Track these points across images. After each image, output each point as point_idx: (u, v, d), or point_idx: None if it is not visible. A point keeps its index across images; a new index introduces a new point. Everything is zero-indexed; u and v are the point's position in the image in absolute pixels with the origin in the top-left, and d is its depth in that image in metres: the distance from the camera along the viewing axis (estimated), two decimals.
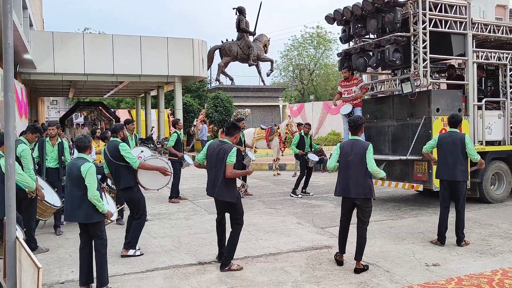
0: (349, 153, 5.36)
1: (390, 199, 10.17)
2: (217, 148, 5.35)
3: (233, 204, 5.41)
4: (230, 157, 5.22)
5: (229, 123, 5.62)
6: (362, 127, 5.57)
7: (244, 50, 24.67)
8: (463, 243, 6.22)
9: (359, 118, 5.66)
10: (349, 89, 9.71)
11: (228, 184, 5.32)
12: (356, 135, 5.49)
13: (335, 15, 9.49)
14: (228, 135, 5.49)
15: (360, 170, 5.25)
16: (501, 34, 9.35)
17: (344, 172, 5.40)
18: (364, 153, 5.24)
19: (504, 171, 9.40)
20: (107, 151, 6.06)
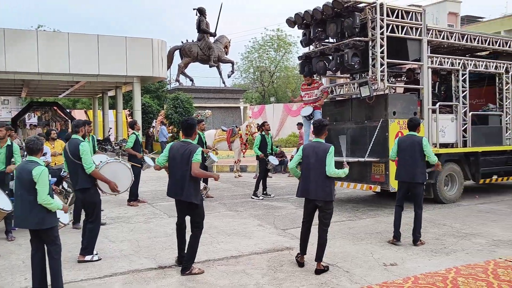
0: (311, 155, 5.42)
1: (349, 200, 10.37)
2: (181, 149, 5.25)
3: (197, 207, 5.34)
4: (196, 155, 5.15)
5: (183, 125, 5.46)
6: (326, 129, 5.64)
7: (205, 51, 24.54)
8: (419, 243, 6.42)
9: (322, 121, 5.74)
10: (310, 92, 9.85)
11: (195, 185, 5.26)
12: (319, 137, 5.56)
13: (295, 18, 9.59)
14: (188, 136, 5.39)
15: (321, 172, 5.32)
16: (454, 41, 9.73)
17: (305, 174, 5.45)
18: (325, 156, 5.31)
19: (457, 173, 9.78)
20: (67, 149, 5.86)
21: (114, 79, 21.24)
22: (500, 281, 4.96)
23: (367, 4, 8.66)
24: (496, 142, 10.37)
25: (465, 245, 6.39)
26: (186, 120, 5.50)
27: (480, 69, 10.16)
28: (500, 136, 10.46)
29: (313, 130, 5.68)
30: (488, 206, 9.36)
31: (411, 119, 6.87)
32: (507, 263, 5.52)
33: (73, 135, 6.11)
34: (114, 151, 19.58)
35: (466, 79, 9.83)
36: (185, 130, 5.42)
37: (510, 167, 10.66)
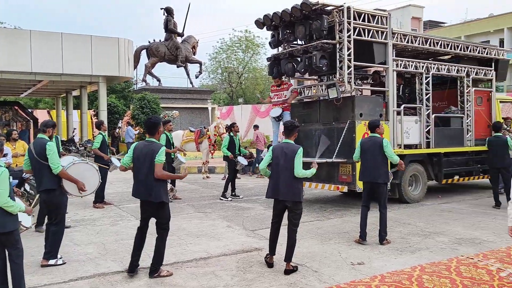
0: (280, 156, 5.45)
1: (317, 201, 10.48)
2: (145, 149, 5.16)
3: (164, 207, 5.23)
4: (159, 156, 5.07)
5: (147, 124, 5.36)
6: (296, 131, 5.69)
7: (172, 51, 24.32)
8: (385, 242, 6.55)
9: (293, 122, 5.79)
10: (279, 93, 9.91)
11: (163, 184, 5.18)
12: (289, 139, 5.60)
13: (264, 20, 9.62)
14: (152, 135, 5.27)
15: (290, 173, 5.36)
16: (418, 45, 9.99)
17: (275, 175, 5.48)
18: (293, 157, 5.36)
19: (421, 173, 10.05)
20: (32, 148, 5.67)
21: (79, 78, 20.74)
22: (462, 278, 5.11)
23: (335, 7, 8.79)
24: (457, 144, 10.71)
25: (429, 243, 6.56)
26: (149, 119, 5.39)
27: (442, 72, 10.47)
28: (462, 137, 10.81)
29: (284, 131, 5.71)
30: (450, 205, 9.65)
31: (370, 121, 7.06)
32: (469, 261, 5.70)
33: (39, 135, 5.93)
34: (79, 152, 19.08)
35: (429, 82, 10.12)
36: (149, 129, 5.32)
37: (471, 168, 11.05)
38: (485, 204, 9.62)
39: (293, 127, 5.63)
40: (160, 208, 5.22)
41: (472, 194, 11.24)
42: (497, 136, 9.43)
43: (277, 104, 9.95)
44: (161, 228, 5.29)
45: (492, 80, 11.59)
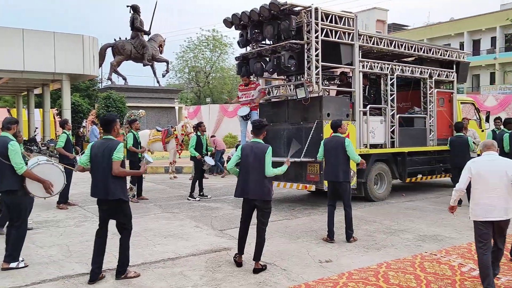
0: (249, 155, 5.45)
1: (286, 200, 10.55)
2: (102, 146, 4.99)
3: (125, 205, 5.08)
4: (117, 153, 4.91)
5: (102, 121, 5.21)
6: (265, 129, 5.71)
7: (139, 49, 23.95)
8: (351, 239, 6.66)
9: (261, 121, 5.80)
10: (247, 92, 9.92)
11: (121, 182, 5.00)
12: (258, 138, 5.61)
13: (233, 19, 9.61)
14: (108, 132, 5.10)
15: (259, 172, 5.38)
16: (383, 46, 10.20)
17: (244, 174, 5.48)
18: (263, 156, 5.37)
19: (385, 172, 10.27)
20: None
21: (41, 76, 20.09)
22: (426, 274, 5.26)
23: (303, 8, 8.87)
24: (420, 143, 11.01)
25: (394, 240, 6.71)
26: (104, 116, 5.22)
27: (406, 74, 10.74)
28: (424, 137, 11.12)
29: (252, 130, 5.72)
30: (414, 203, 9.91)
31: (332, 121, 7.15)
32: (432, 257, 5.87)
33: (2, 133, 5.69)
34: (41, 152, 18.52)
35: (394, 83, 10.35)
36: (104, 126, 5.15)
37: (433, 167, 11.38)
38: (447, 202, 9.75)
39: (262, 126, 5.65)
40: (119, 207, 5.05)
41: (435, 192, 11.57)
42: (458, 136, 9.74)
43: (245, 103, 9.96)
44: (122, 228, 5.14)
45: (454, 81, 11.97)
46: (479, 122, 12.76)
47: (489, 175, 4.62)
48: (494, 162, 4.68)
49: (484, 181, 4.63)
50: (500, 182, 4.55)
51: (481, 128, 12.67)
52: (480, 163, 4.78)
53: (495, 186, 4.56)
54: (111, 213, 5.10)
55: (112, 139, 5.07)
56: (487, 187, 4.60)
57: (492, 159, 4.73)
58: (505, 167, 4.58)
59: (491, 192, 4.57)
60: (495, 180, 4.58)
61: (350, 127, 9.29)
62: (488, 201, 4.58)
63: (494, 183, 4.57)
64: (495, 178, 4.58)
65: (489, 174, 4.62)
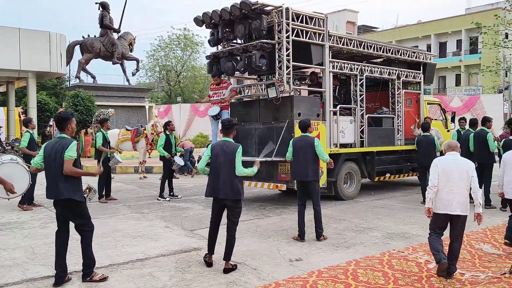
0: (220, 154, 5.42)
1: (257, 199, 10.56)
2: (55, 145, 4.81)
3: (78, 205, 4.85)
4: (69, 151, 4.72)
5: (56, 119, 5.01)
6: (234, 129, 5.68)
7: (108, 47, 23.56)
8: (321, 238, 6.72)
9: (230, 120, 5.77)
10: (218, 91, 9.87)
11: (73, 182, 4.79)
12: (228, 137, 5.58)
13: (203, 17, 9.54)
14: (62, 130, 4.91)
15: (230, 171, 5.35)
16: (353, 47, 10.33)
17: (214, 173, 5.44)
18: (233, 155, 5.35)
19: (355, 171, 10.41)
20: None
21: (5, 73, 19.46)
22: (394, 271, 5.35)
23: (274, 7, 8.89)
24: (389, 143, 11.22)
25: (363, 238, 6.81)
26: (58, 114, 5.00)
27: (375, 74, 10.92)
28: (393, 137, 11.33)
29: (221, 129, 5.68)
30: (382, 202, 10.09)
31: (301, 121, 7.15)
32: (400, 254, 5.98)
33: None
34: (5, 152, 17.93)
35: (363, 84, 10.51)
36: (58, 124, 4.95)
37: (401, 166, 11.61)
38: (414, 200, 10.14)
39: (231, 125, 5.62)
40: (73, 208, 4.85)
41: (402, 191, 11.81)
42: (425, 136, 9.96)
43: (216, 102, 9.91)
44: (81, 230, 4.94)
45: (421, 82, 12.25)
46: (445, 122, 13.09)
47: (451, 173, 5.05)
48: (456, 162, 5.13)
49: (446, 178, 5.05)
50: (460, 180, 5.01)
51: (447, 128, 13.01)
52: (444, 161, 5.18)
53: (456, 183, 5.01)
54: (66, 214, 4.91)
55: (66, 137, 4.88)
56: (448, 184, 5.04)
57: (455, 159, 5.16)
58: (466, 167, 5.05)
59: (451, 189, 5.01)
60: (456, 178, 5.02)
61: (320, 126, 9.39)
62: (448, 197, 5.02)
63: (455, 180, 5.01)
64: (456, 176, 5.03)
65: (451, 172, 5.05)
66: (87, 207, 5.04)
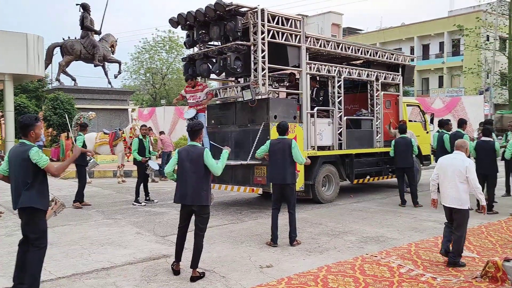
0: (186, 159, 5.28)
1: (234, 203, 10.41)
2: (15, 152, 4.56)
3: (37, 215, 4.49)
4: (39, 160, 4.42)
5: (18, 125, 4.70)
6: (201, 132, 5.53)
7: (89, 49, 23.19)
8: (295, 243, 6.59)
9: (197, 123, 5.62)
10: (194, 94, 9.70)
11: (39, 189, 4.51)
12: (195, 141, 5.43)
13: (178, 19, 9.39)
14: (25, 136, 4.61)
15: (197, 177, 5.22)
16: (331, 49, 10.25)
17: (182, 179, 5.28)
18: (201, 159, 5.21)
19: (333, 174, 10.32)
20: None
21: None
22: (365, 276, 5.24)
23: (249, 9, 8.77)
24: (367, 145, 11.15)
25: (337, 243, 6.70)
26: (20, 119, 4.72)
27: (353, 76, 10.85)
28: (372, 139, 11.27)
29: (188, 133, 5.53)
30: (360, 204, 10.01)
31: (279, 124, 6.97)
32: (373, 258, 5.87)
33: None
34: None
35: (342, 86, 10.43)
36: (20, 130, 4.67)
37: (380, 168, 11.55)
38: (392, 203, 10.08)
39: (197, 129, 5.47)
40: (30, 218, 4.49)
41: (381, 193, 11.75)
42: (403, 138, 9.92)
43: (192, 106, 9.74)
44: (32, 244, 4.51)
45: (400, 84, 12.22)
46: (424, 124, 13.09)
47: (448, 169, 5.64)
48: (455, 160, 5.65)
49: (443, 174, 5.70)
50: (453, 176, 5.55)
51: (426, 129, 13.01)
52: (444, 159, 5.83)
53: (450, 179, 5.58)
54: (25, 224, 4.58)
55: (26, 143, 4.56)
56: (445, 179, 5.66)
57: (455, 158, 5.71)
58: (461, 166, 5.53)
59: (447, 183, 5.63)
60: (449, 174, 5.60)
61: (297, 129, 9.28)
62: (445, 191, 5.66)
63: (450, 176, 5.59)
64: (450, 173, 5.60)
65: (448, 169, 5.65)
66: (45, 221, 4.64)
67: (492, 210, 8.66)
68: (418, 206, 9.51)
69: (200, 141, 5.52)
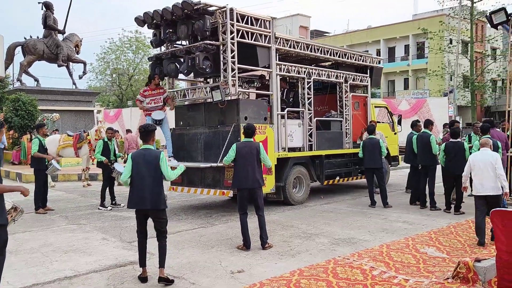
0: (142, 163, 5.09)
1: (204, 207, 10.21)
2: None
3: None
4: None
5: None
6: (154, 134, 5.33)
7: (52, 49, 22.46)
8: (266, 246, 6.46)
9: (149, 124, 5.44)
10: (155, 98, 9.41)
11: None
12: (148, 143, 5.24)
13: (145, 17, 9.13)
14: None
15: (154, 181, 5.06)
16: (300, 50, 10.20)
17: (138, 183, 5.07)
18: (157, 163, 5.05)
19: (304, 175, 10.27)
20: None
21: None
22: (338, 280, 5.17)
23: (218, 8, 8.61)
24: (337, 146, 11.16)
25: (309, 245, 6.62)
26: None
27: (323, 78, 10.84)
28: (341, 140, 11.30)
29: (140, 135, 5.33)
30: (331, 206, 9.99)
31: (247, 126, 6.80)
32: (345, 261, 5.81)
33: None
34: None
35: (311, 87, 10.40)
36: None
37: (350, 169, 11.59)
38: (362, 204, 10.11)
39: (149, 130, 5.27)
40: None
41: (351, 194, 11.79)
42: (371, 139, 9.96)
43: (152, 110, 9.40)
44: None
45: (368, 86, 12.31)
46: (391, 125, 13.24)
47: (480, 163, 6.51)
48: (485, 155, 6.56)
49: (477, 168, 6.55)
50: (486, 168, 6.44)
51: (394, 131, 13.16)
52: (475, 156, 6.74)
53: (484, 171, 6.45)
54: None
55: None
56: (478, 172, 6.54)
57: (483, 153, 6.62)
58: (491, 158, 6.46)
59: (481, 175, 6.50)
60: (484, 167, 6.46)
61: (268, 130, 9.18)
62: (480, 181, 6.51)
63: (484, 169, 6.45)
64: (484, 165, 6.47)
65: (480, 163, 6.52)
66: (6, 232, 4.28)
67: (459, 210, 8.79)
68: (387, 206, 9.57)
69: (153, 143, 5.34)
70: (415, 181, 10.07)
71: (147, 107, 9.47)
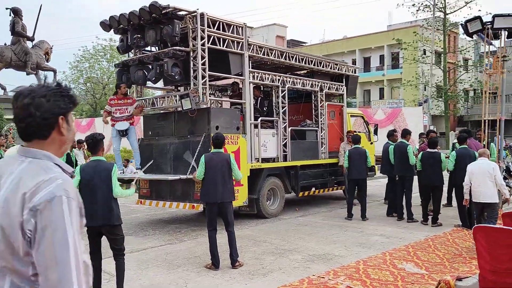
0: (93, 176, 4.66)
1: (173, 221, 9.73)
2: None
3: None
4: None
5: None
6: (102, 144, 4.91)
7: (20, 56, 21.50)
8: (237, 265, 6.05)
9: (97, 134, 5.00)
10: (122, 108, 8.87)
11: None
12: (97, 155, 4.82)
13: (110, 22, 8.70)
14: None
15: (107, 194, 4.65)
16: (274, 58, 9.90)
17: (89, 198, 4.58)
18: (109, 176, 4.63)
19: (278, 187, 9.91)
20: None
21: None
22: None
23: (188, 12, 8.24)
24: (313, 156, 10.85)
25: (282, 263, 6.23)
26: None
27: (298, 86, 10.55)
28: (316, 150, 10.99)
29: (87, 147, 4.91)
30: (306, 218, 9.64)
31: (216, 136, 6.38)
32: (320, 280, 5.45)
33: None
34: None
35: (286, 96, 10.09)
36: None
37: (326, 180, 11.29)
38: (338, 216, 9.78)
39: (98, 140, 4.85)
40: None
41: (327, 205, 11.45)
42: (356, 148, 9.61)
43: (120, 120, 8.88)
44: None
45: (344, 95, 12.08)
46: (368, 135, 13.03)
47: (478, 173, 6.90)
48: (482, 164, 6.97)
49: (475, 177, 6.93)
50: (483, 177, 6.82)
51: (370, 140, 12.94)
52: (473, 165, 7.12)
53: (482, 180, 6.84)
54: None
55: None
56: (476, 181, 6.91)
57: (481, 163, 7.02)
58: (490, 168, 6.84)
59: (478, 184, 6.89)
60: (481, 176, 6.84)
61: (240, 140, 8.81)
62: (477, 189, 6.90)
63: (481, 178, 6.84)
64: (481, 175, 6.85)
65: (477, 172, 6.91)
66: None
67: (437, 222, 8.55)
68: (366, 219, 9.26)
69: (103, 153, 4.91)
70: (392, 192, 9.81)
71: (114, 117, 8.92)
